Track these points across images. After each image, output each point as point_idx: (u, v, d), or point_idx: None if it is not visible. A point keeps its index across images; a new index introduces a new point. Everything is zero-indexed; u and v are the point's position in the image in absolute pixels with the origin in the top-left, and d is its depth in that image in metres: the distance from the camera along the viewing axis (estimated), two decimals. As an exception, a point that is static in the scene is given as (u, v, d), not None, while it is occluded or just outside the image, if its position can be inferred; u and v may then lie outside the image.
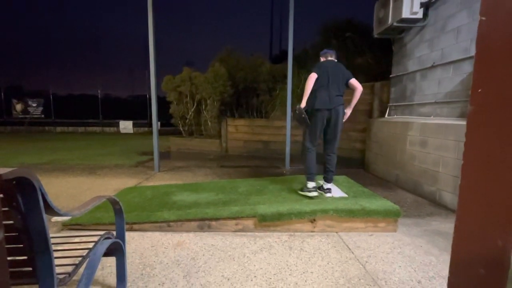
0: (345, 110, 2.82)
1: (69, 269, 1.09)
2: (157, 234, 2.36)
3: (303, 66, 6.93)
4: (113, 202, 1.48)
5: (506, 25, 0.39)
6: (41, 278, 0.89)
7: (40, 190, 0.83)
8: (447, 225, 2.59)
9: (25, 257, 0.89)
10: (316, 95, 2.74)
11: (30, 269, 0.90)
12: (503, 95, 0.40)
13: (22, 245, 0.88)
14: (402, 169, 4.02)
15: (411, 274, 1.80)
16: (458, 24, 3.37)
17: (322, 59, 2.99)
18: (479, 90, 0.41)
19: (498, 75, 0.40)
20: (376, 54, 6.23)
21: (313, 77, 2.71)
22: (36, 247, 0.86)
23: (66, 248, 1.25)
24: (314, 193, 2.77)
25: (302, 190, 2.88)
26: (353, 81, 2.82)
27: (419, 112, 4.11)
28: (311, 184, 2.80)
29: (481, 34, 0.41)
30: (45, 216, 0.85)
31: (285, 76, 5.99)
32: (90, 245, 1.27)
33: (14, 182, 0.77)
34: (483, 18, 0.41)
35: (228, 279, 1.71)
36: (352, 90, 2.86)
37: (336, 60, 2.95)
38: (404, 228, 2.51)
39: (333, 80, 2.74)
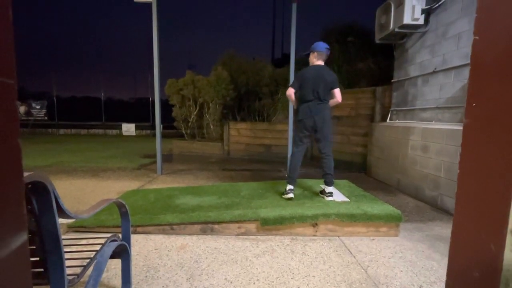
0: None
1: (78, 270, 1.11)
2: (160, 237, 2.39)
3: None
4: (120, 205, 1.51)
5: (498, 44, 0.43)
6: (52, 279, 0.92)
7: (54, 193, 0.86)
8: (449, 230, 2.58)
9: (37, 258, 0.92)
10: (299, 108, 2.99)
11: (42, 270, 0.93)
12: (496, 109, 0.43)
13: (34, 247, 0.91)
14: (403, 173, 4.03)
15: (413, 278, 1.81)
16: (459, 31, 3.40)
17: (310, 58, 2.99)
18: (474, 104, 0.44)
19: (491, 91, 0.43)
20: (377, 58, 6.27)
21: (290, 91, 2.96)
22: (48, 248, 0.89)
23: (74, 250, 1.28)
24: (289, 195, 2.89)
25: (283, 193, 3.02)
26: (336, 92, 2.88)
27: (420, 117, 4.13)
28: (288, 186, 2.94)
29: (475, 52, 0.44)
30: (57, 218, 0.88)
31: (287, 80, 6.03)
32: (97, 247, 1.30)
33: (30, 185, 0.80)
34: (477, 38, 0.44)
35: (231, 282, 1.73)
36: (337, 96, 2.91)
37: (323, 63, 2.96)
38: (405, 233, 2.52)
39: (314, 90, 2.85)
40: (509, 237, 0.40)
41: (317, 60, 2.94)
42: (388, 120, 4.97)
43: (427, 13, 3.89)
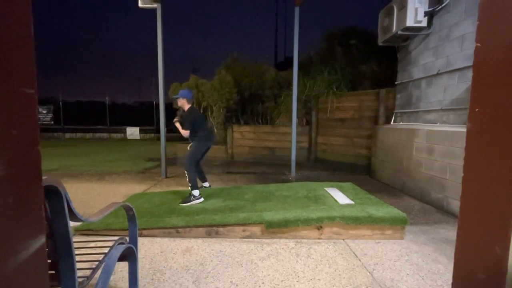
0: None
1: (87, 273, 1.14)
2: (166, 240, 2.41)
3: (308, 73, 7.01)
4: (127, 209, 1.53)
5: (500, 51, 0.44)
6: (63, 281, 0.94)
7: (66, 197, 0.89)
8: (455, 233, 2.57)
9: (49, 261, 0.94)
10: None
11: (53, 272, 0.96)
12: (498, 114, 0.44)
13: (47, 249, 0.93)
14: (408, 176, 4.01)
15: (419, 282, 1.80)
16: (463, 32, 3.40)
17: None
18: (476, 110, 0.46)
19: (493, 96, 0.44)
20: (381, 61, 6.26)
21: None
22: (60, 251, 0.91)
23: (83, 253, 1.30)
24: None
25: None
26: None
27: (425, 119, 4.12)
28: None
29: (477, 59, 0.45)
30: (69, 222, 0.90)
31: (290, 83, 6.06)
32: (105, 250, 1.32)
33: (43, 190, 0.83)
34: (479, 45, 0.45)
35: (237, 285, 1.74)
36: None
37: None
38: (411, 236, 2.51)
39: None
40: (514, 239, 0.41)
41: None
42: (392, 122, 4.95)
43: (430, 15, 3.89)
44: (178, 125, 3.48)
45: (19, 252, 0.44)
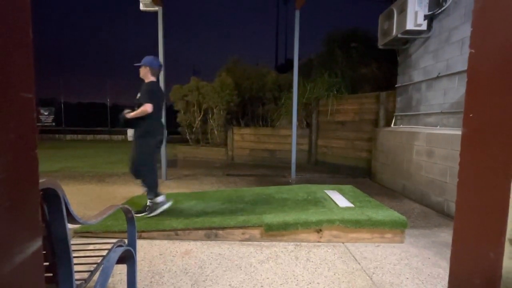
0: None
1: (85, 275, 1.14)
2: (165, 242, 2.40)
3: (308, 76, 7.02)
4: (126, 211, 1.53)
5: (493, 57, 0.44)
6: (61, 283, 0.94)
7: (64, 200, 0.89)
8: (456, 237, 2.56)
9: (46, 263, 0.95)
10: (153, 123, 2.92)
11: (51, 274, 0.96)
12: (492, 119, 0.44)
13: (44, 252, 0.93)
14: (408, 179, 4.00)
15: (419, 286, 1.79)
16: (462, 36, 3.41)
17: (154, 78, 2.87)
18: (471, 115, 0.46)
19: (487, 102, 0.45)
20: (381, 63, 6.28)
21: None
22: (58, 253, 0.92)
23: (82, 255, 1.30)
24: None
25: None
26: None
27: (425, 122, 4.12)
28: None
29: (471, 65, 0.46)
30: (67, 224, 0.91)
31: (291, 85, 6.07)
32: (104, 253, 1.32)
33: (42, 192, 0.83)
34: (473, 51, 0.45)
35: (235, 288, 1.73)
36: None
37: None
38: (411, 239, 2.50)
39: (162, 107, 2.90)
40: (507, 245, 0.41)
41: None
42: (392, 125, 4.95)
43: (430, 18, 3.90)
44: (132, 114, 2.73)
45: (15, 255, 0.44)
